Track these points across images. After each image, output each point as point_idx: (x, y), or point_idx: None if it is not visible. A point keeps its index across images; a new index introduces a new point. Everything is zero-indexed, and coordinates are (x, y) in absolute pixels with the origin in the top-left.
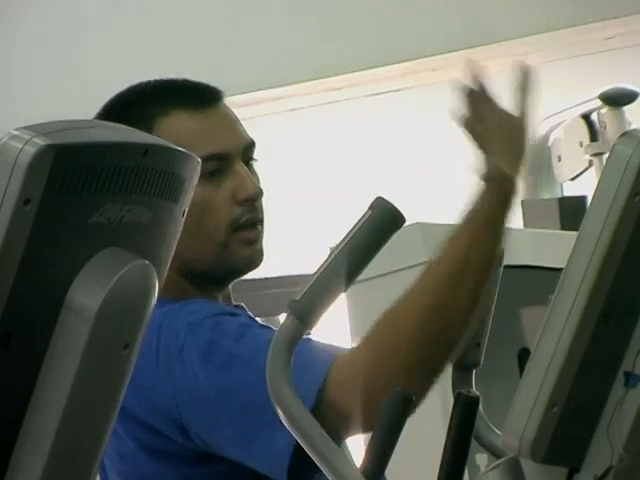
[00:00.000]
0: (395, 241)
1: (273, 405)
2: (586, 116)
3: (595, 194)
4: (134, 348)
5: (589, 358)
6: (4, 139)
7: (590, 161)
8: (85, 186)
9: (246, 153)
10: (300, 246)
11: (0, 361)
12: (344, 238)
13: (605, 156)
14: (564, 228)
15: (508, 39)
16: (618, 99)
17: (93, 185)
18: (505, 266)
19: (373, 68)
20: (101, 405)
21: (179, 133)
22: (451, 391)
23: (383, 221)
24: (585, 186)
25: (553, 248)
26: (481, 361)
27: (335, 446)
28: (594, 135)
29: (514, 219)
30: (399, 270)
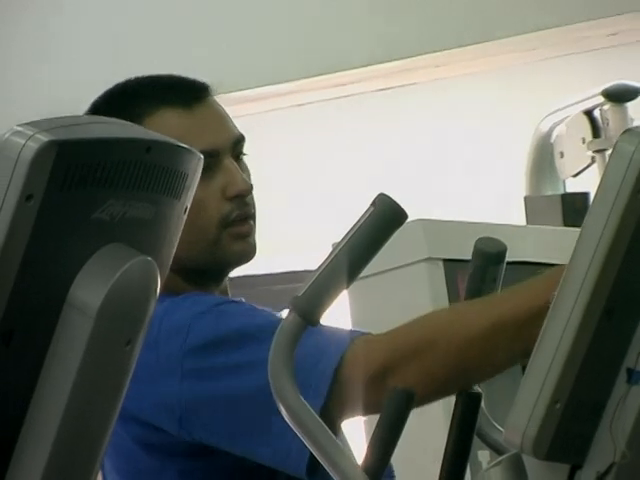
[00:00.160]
0: (397, 238)
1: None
2: (589, 112)
3: (598, 191)
4: (136, 344)
5: (592, 355)
6: (6, 135)
7: (593, 157)
8: (88, 182)
9: (235, 148)
10: (304, 242)
11: (2, 357)
12: (346, 234)
13: (608, 152)
14: (567, 225)
15: (512, 35)
16: (621, 95)
17: (96, 181)
18: (507, 262)
19: (379, 64)
20: (103, 401)
21: (167, 131)
22: None
23: (385, 218)
24: (588, 183)
25: (556, 245)
26: None
27: (338, 443)
28: (597, 131)
29: (516, 215)
30: (401, 267)
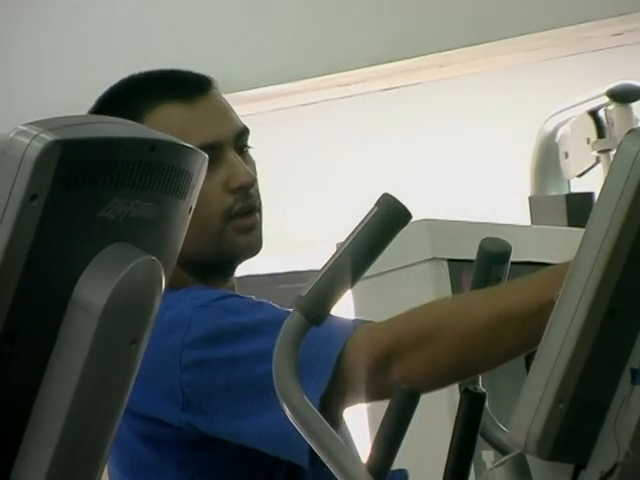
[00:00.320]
0: (402, 238)
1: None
2: (593, 113)
3: (602, 191)
4: (141, 343)
5: (596, 354)
6: (11, 134)
7: (597, 158)
8: (92, 181)
9: (239, 140)
10: (308, 242)
11: (7, 356)
12: (351, 234)
13: (612, 153)
14: (571, 225)
15: (515, 36)
16: (625, 96)
17: (100, 180)
18: (512, 263)
19: (383, 64)
20: (108, 401)
21: (169, 126)
22: (457, 387)
23: (390, 217)
24: (592, 183)
25: (560, 245)
26: None
27: (342, 443)
28: (601, 132)
29: (521, 216)
30: (406, 266)
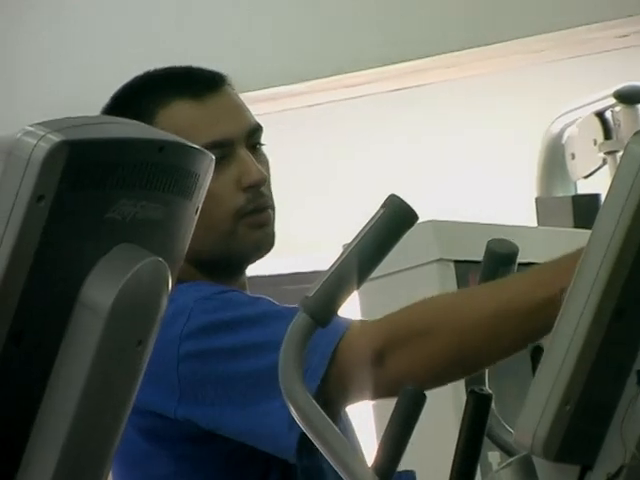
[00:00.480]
0: (408, 239)
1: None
2: (600, 114)
3: (609, 192)
4: (147, 344)
5: (602, 356)
6: (18, 135)
7: (604, 159)
8: (99, 182)
9: (251, 138)
10: (315, 243)
11: (13, 357)
12: (357, 235)
13: (619, 154)
14: (577, 226)
15: (523, 36)
16: (632, 97)
17: (107, 181)
18: (519, 264)
19: (391, 65)
20: (114, 401)
21: (180, 123)
22: (464, 389)
23: (396, 219)
24: (599, 184)
25: (567, 246)
26: None
27: (348, 444)
28: (608, 133)
29: (527, 217)
30: (412, 268)
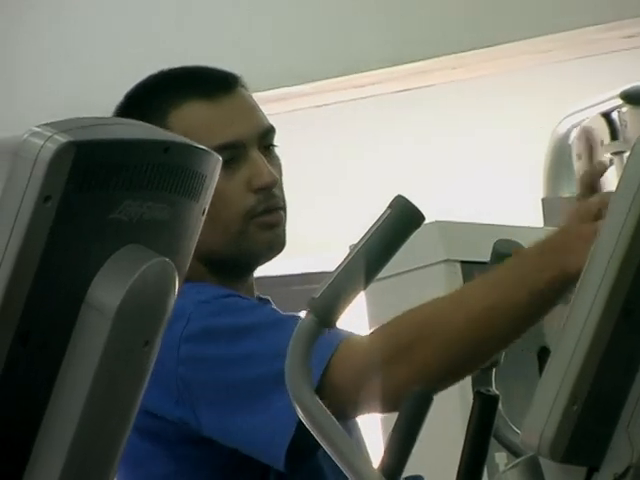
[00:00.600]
0: (415, 239)
1: (273, 383)
2: (607, 115)
3: (615, 192)
4: (154, 345)
5: (609, 356)
6: (25, 136)
7: (610, 160)
8: (106, 183)
9: (264, 139)
10: (321, 244)
11: (20, 358)
12: (364, 236)
13: (625, 155)
14: None
15: (530, 37)
16: (638, 98)
17: (114, 182)
18: None
19: (397, 65)
20: (121, 402)
21: (192, 124)
22: (470, 389)
23: (403, 219)
24: (606, 184)
25: None
26: (501, 360)
27: (355, 446)
28: (615, 134)
29: (534, 217)
30: (419, 268)
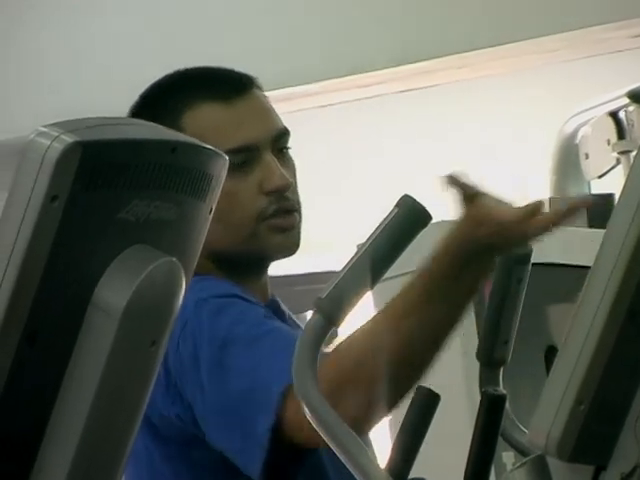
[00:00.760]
0: (421, 239)
1: (258, 394)
2: (614, 114)
3: (622, 191)
4: (161, 345)
5: (616, 356)
6: (32, 136)
7: (618, 159)
8: (112, 183)
9: (278, 142)
10: (328, 243)
11: (27, 358)
12: (371, 236)
13: (633, 154)
14: (592, 226)
15: (536, 36)
16: None
17: (120, 182)
18: (533, 264)
19: (402, 65)
20: (128, 402)
21: (206, 126)
22: (478, 389)
23: (409, 219)
24: (613, 184)
25: (580, 246)
26: (508, 359)
27: (363, 446)
28: (622, 133)
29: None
30: None
